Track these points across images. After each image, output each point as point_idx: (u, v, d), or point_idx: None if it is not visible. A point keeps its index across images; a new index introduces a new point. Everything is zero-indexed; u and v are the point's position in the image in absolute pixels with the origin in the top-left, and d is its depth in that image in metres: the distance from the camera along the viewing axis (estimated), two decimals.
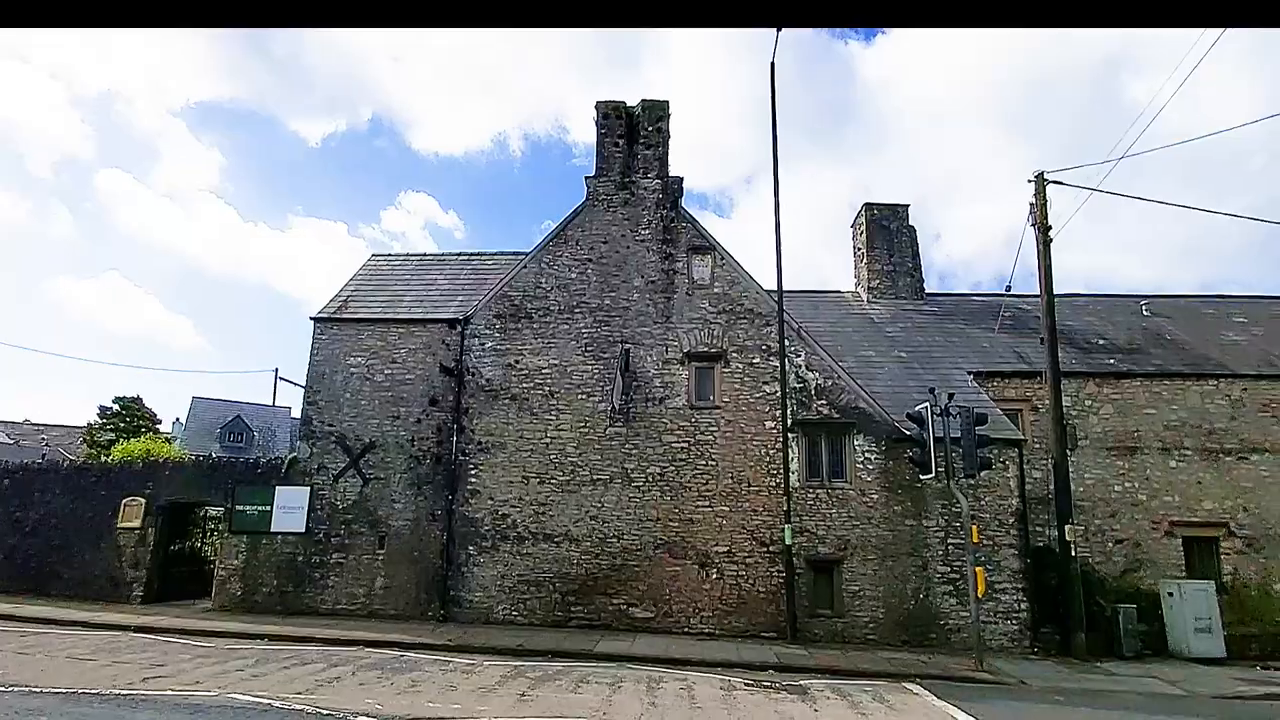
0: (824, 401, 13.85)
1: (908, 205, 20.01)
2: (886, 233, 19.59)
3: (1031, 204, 14.21)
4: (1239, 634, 12.91)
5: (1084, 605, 12.57)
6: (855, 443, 13.60)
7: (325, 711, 7.02)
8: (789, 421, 13.50)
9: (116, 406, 32.88)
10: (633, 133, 15.51)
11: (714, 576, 13.11)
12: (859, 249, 20.15)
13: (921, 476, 12.24)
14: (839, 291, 19.96)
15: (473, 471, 13.89)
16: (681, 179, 15.28)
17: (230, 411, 36.02)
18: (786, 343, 13.86)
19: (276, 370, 36.34)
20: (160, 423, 36.43)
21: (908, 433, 12.82)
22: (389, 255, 18.56)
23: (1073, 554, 12.76)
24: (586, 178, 15.43)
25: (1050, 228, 14.16)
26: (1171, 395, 16.13)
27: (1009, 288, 17.57)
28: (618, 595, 13.12)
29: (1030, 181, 14.29)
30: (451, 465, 13.92)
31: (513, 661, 10.22)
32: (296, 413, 22.70)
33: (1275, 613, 13.82)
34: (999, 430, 13.34)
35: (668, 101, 15.77)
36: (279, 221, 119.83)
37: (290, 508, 14.12)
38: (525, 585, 13.33)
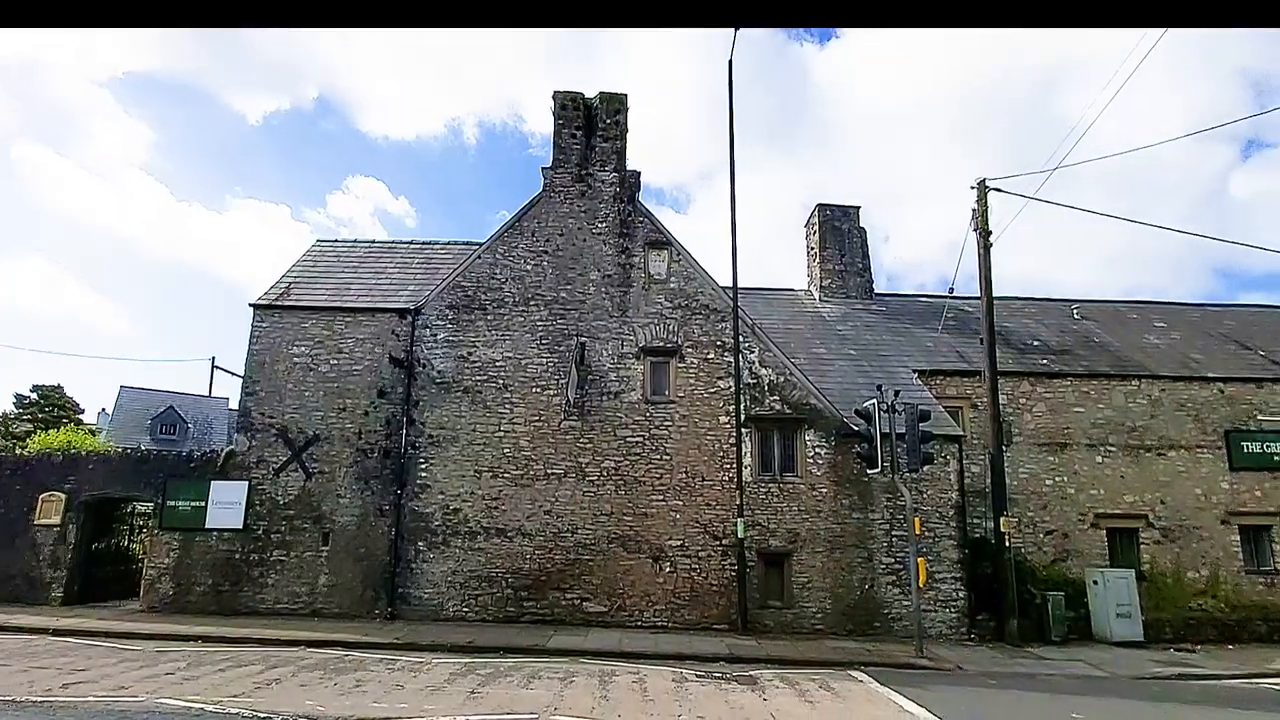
0: (777, 397, 14.09)
1: (859, 207, 20.54)
2: (838, 233, 20.05)
3: (974, 210, 14.76)
4: (1155, 619, 13.79)
5: (1016, 593, 13.20)
6: (806, 438, 13.89)
7: (263, 714, 6.77)
8: (743, 417, 13.68)
9: (34, 395, 30.87)
10: (590, 125, 15.40)
11: (667, 570, 13.20)
12: (812, 248, 20.57)
13: (869, 471, 12.61)
14: (792, 289, 20.34)
15: (423, 465, 13.58)
16: (639, 173, 15.26)
17: (162, 402, 34.14)
18: (741, 339, 14.03)
19: (213, 359, 34.65)
20: (84, 413, 34.35)
21: (856, 428, 13.14)
22: (335, 241, 17.93)
23: (1007, 545, 13.36)
24: (543, 169, 15.25)
25: (990, 233, 14.74)
26: (1098, 395, 17.04)
27: (952, 290, 18.20)
28: (571, 590, 13.06)
29: (973, 188, 14.84)
30: (401, 459, 13.58)
31: (463, 659, 10.05)
32: (234, 404, 21.72)
33: (1186, 599, 14.81)
34: (941, 427, 13.84)
35: (626, 95, 15.71)
36: (216, 202, 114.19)
37: (227, 503, 13.51)
38: (477, 581, 13.13)
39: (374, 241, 18.01)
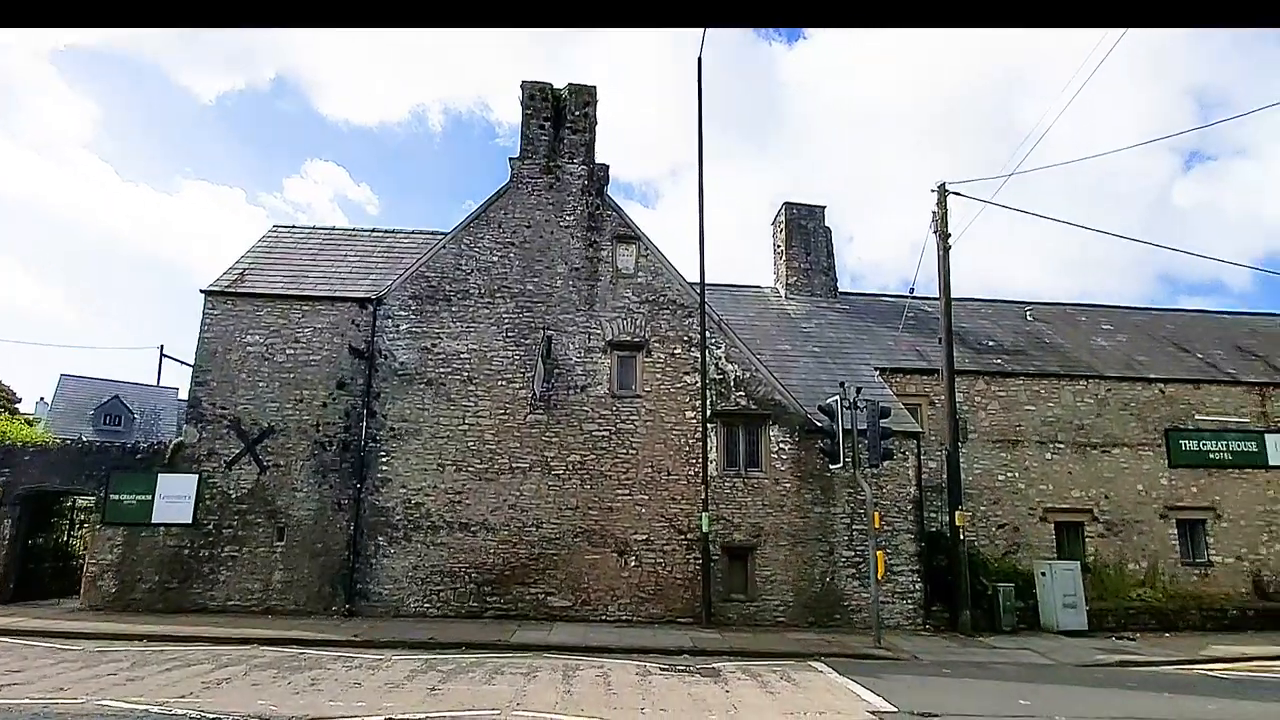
0: (742, 393, 14.21)
1: (824, 206, 20.83)
2: (804, 232, 20.31)
3: (934, 212, 15.11)
4: (1098, 608, 14.40)
5: (970, 585, 13.61)
6: (771, 433, 14.05)
7: (211, 715, 6.55)
8: (708, 412, 13.76)
9: None
10: (559, 116, 15.24)
11: (632, 564, 13.21)
12: (778, 246, 20.79)
13: (831, 466, 12.83)
14: (759, 286, 20.52)
15: (384, 458, 13.29)
16: (607, 166, 15.18)
17: (106, 391, 32.63)
18: (708, 335, 14.10)
19: (161, 348, 33.28)
20: (20, 401, 32.63)
21: (819, 424, 13.35)
22: (293, 227, 17.39)
23: (961, 538, 13.76)
24: (511, 159, 15.04)
25: (950, 235, 15.11)
26: (1048, 394, 17.67)
27: (913, 290, 18.72)
28: (536, 584, 12.97)
29: (933, 191, 15.20)
30: (361, 452, 13.26)
31: (424, 655, 9.89)
32: (184, 394, 20.92)
33: (1128, 589, 15.50)
34: (900, 423, 14.17)
35: (595, 87, 15.59)
36: (165, 183, 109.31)
37: (175, 497, 13.00)
38: (439, 576, 12.92)
39: (334, 228, 17.55)
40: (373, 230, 17.48)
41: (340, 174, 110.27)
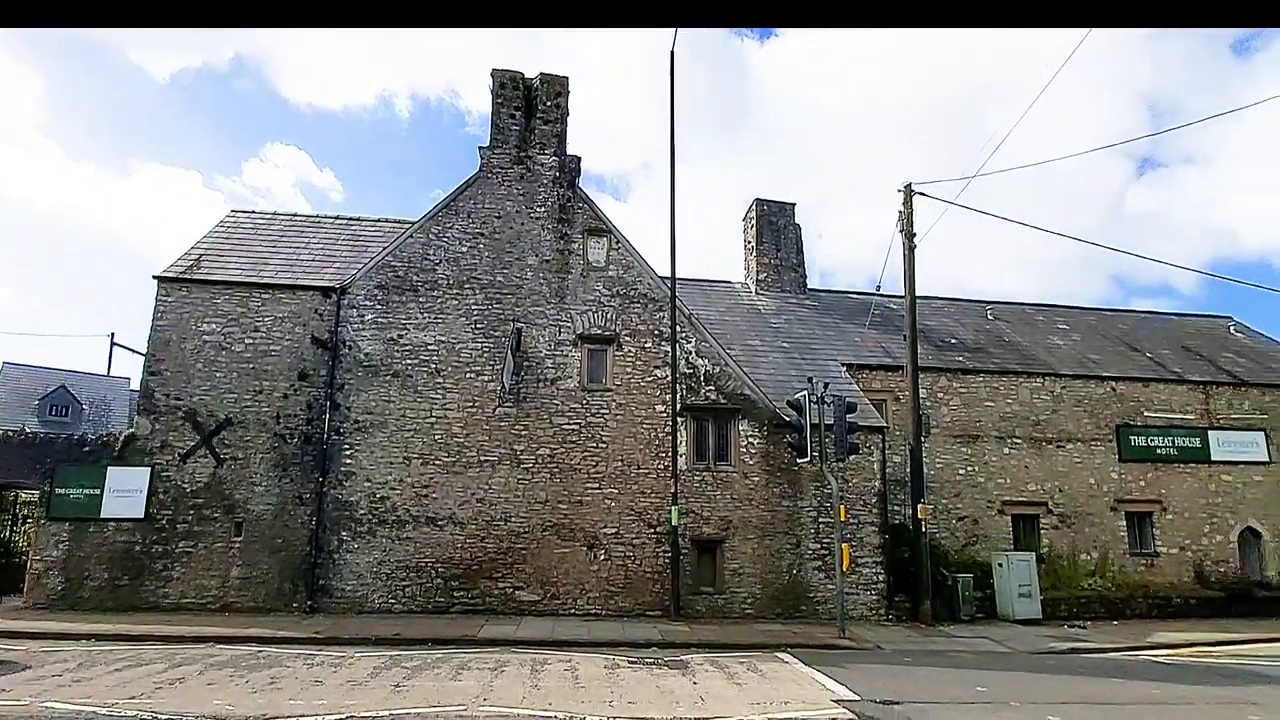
0: (712, 387, 14.28)
1: (794, 204, 21.04)
2: (774, 228, 20.46)
3: (900, 212, 15.38)
4: (1052, 598, 14.90)
5: (931, 576, 13.96)
6: (740, 428, 14.15)
7: (165, 716, 6.32)
8: (678, 406, 13.79)
9: None
10: (530, 106, 15.06)
11: (602, 558, 13.19)
12: (749, 242, 20.92)
13: (799, 460, 12.97)
14: (729, 282, 20.63)
15: (348, 451, 13.00)
16: (579, 158, 15.07)
17: (52, 380, 31.14)
18: (678, 329, 14.11)
19: (112, 335, 32.06)
20: None
21: (787, 419, 13.49)
22: (253, 212, 16.85)
23: (923, 530, 14.09)
24: (480, 148, 14.81)
25: (915, 234, 15.39)
26: (1007, 390, 18.17)
27: (879, 288, 19.04)
28: (504, 579, 12.85)
29: (900, 191, 15.46)
30: (323, 445, 12.94)
31: (388, 651, 9.72)
32: (137, 384, 20.16)
33: (1079, 579, 16.07)
34: (866, 418, 14.42)
35: (567, 78, 15.44)
36: (117, 165, 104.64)
37: (126, 491, 12.51)
38: (404, 571, 12.71)
39: (296, 214, 17.08)
40: (337, 217, 17.05)
41: (303, 158, 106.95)
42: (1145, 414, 18.60)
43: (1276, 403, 19.30)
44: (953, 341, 19.47)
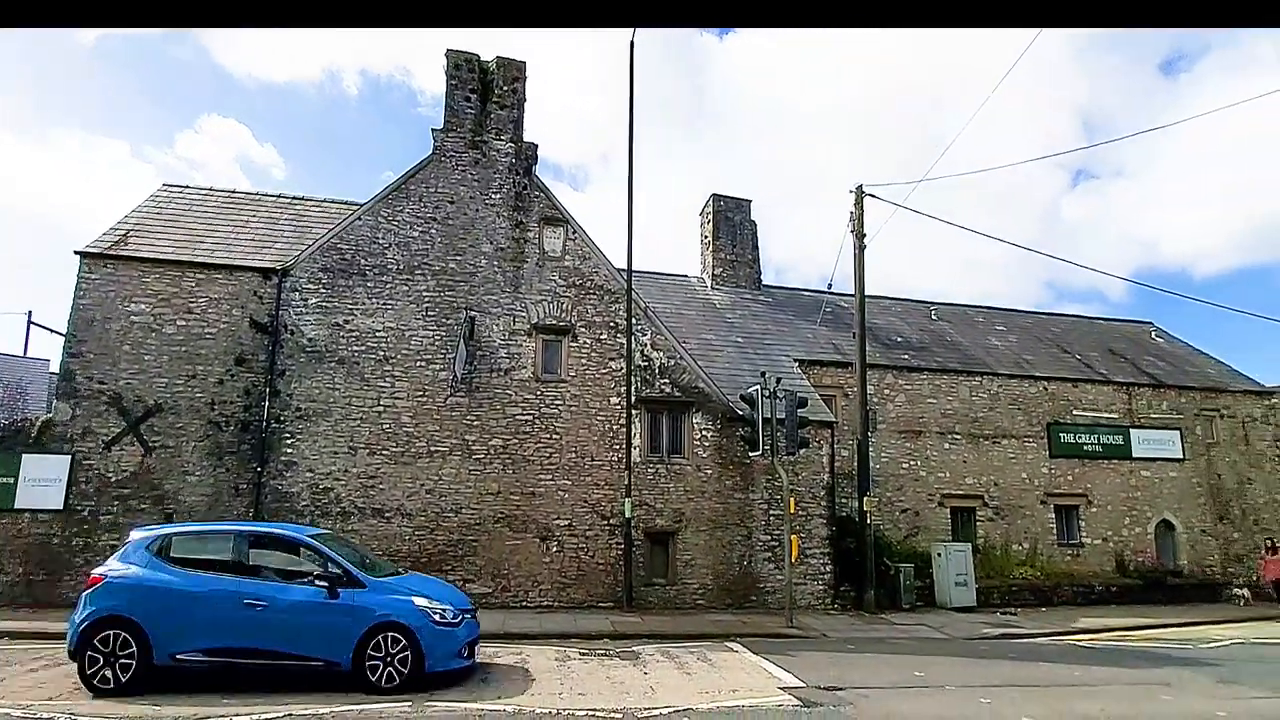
0: (667, 380, 14.31)
1: (750, 201, 21.26)
2: (731, 224, 20.64)
3: (851, 213, 15.72)
4: (986, 586, 15.58)
5: (875, 566, 14.39)
6: (694, 421, 14.24)
7: (84, 717, 5.94)
8: (633, 398, 13.77)
9: None
10: (486, 90, 14.72)
11: (554, 550, 13.08)
12: (705, 237, 21.03)
13: (751, 453, 13.15)
14: (685, 276, 20.70)
15: (289, 441, 12.48)
16: (536, 146, 14.82)
17: None
18: (634, 321, 14.08)
19: (30, 314, 29.84)
20: None
21: (741, 413, 13.64)
22: (187, 187, 15.92)
23: (868, 522, 14.51)
24: (434, 130, 14.39)
25: (865, 235, 15.76)
26: (949, 388, 18.88)
27: (830, 286, 19.47)
28: (454, 571, 12.57)
29: (851, 193, 15.79)
30: (263, 433, 12.39)
31: None
32: (57, 367, 18.83)
33: (1011, 568, 16.86)
34: (816, 413, 14.72)
35: (525, 63, 15.15)
36: (35, 133, 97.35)
37: (43, 480, 11.69)
38: None
39: (234, 191, 16.20)
40: (279, 196, 16.28)
41: (242, 132, 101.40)
42: (1074, 413, 19.62)
43: (1191, 404, 20.67)
44: (899, 340, 20.08)
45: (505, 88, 14.82)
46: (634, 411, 13.75)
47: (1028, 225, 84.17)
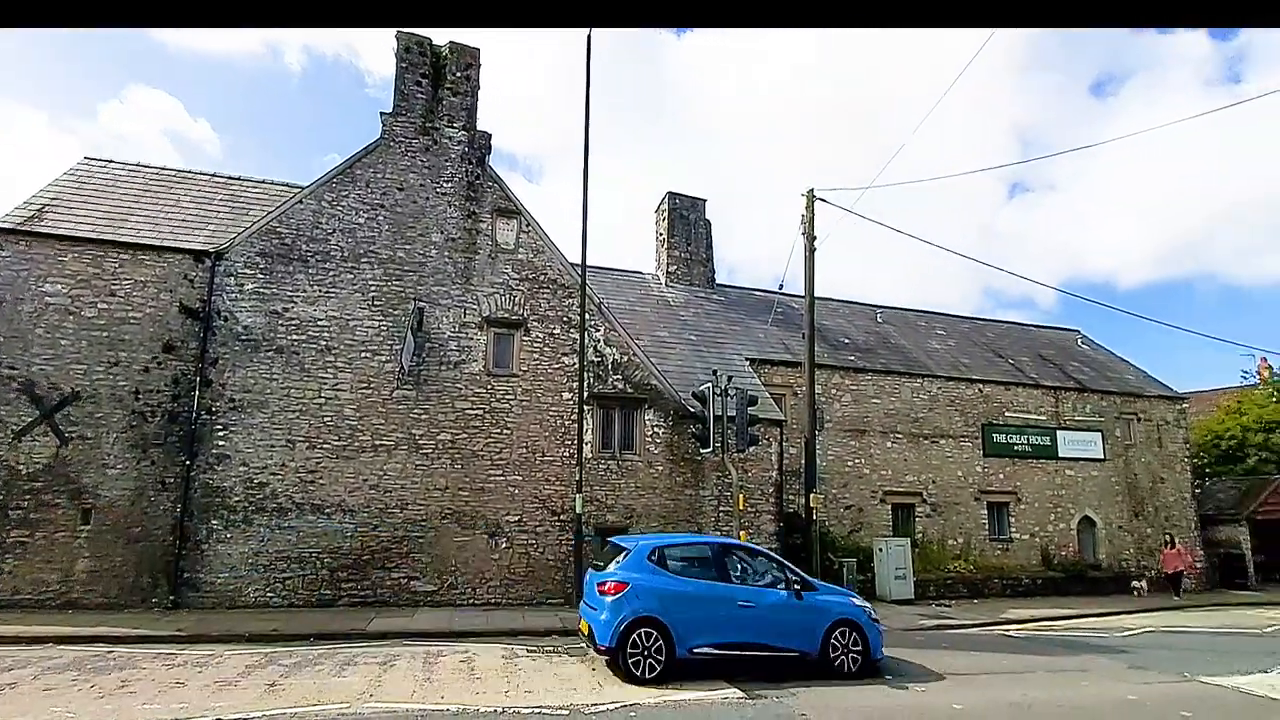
0: (620, 376, 14.27)
1: (705, 200, 21.39)
2: (686, 222, 20.72)
3: (803, 216, 15.99)
4: (923, 579, 16.17)
5: (820, 561, 14.69)
6: (646, 417, 14.24)
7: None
8: (586, 394, 13.67)
9: None
10: (439, 75, 14.32)
11: (504, 546, 12.85)
12: (660, 234, 21.06)
13: (702, 450, 13.25)
14: (640, 273, 20.68)
15: (221, 433, 11.85)
16: (490, 135, 14.51)
17: None
18: (588, 317, 13.96)
19: None
20: None
21: (693, 410, 13.74)
22: (111, 161, 14.93)
23: (814, 519, 14.80)
24: (382, 114, 13.92)
25: (815, 238, 16.07)
26: (892, 389, 19.47)
27: (782, 287, 19.78)
28: (398, 569, 12.22)
29: (803, 196, 16.08)
30: (192, 425, 11.72)
31: (264, 648, 8.97)
32: None
33: (947, 562, 17.56)
34: (766, 411, 14.95)
35: (479, 49, 14.81)
36: None
37: None
38: (285, 562, 11.77)
39: (164, 168, 15.26)
40: (214, 175, 15.44)
41: (174, 105, 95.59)
42: (1006, 414, 20.56)
43: (1112, 407, 21.94)
44: (846, 341, 20.59)
45: (459, 74, 14.45)
46: (586, 407, 13.65)
47: (969, 234, 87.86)
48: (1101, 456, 21.30)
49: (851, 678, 8.36)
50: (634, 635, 7.79)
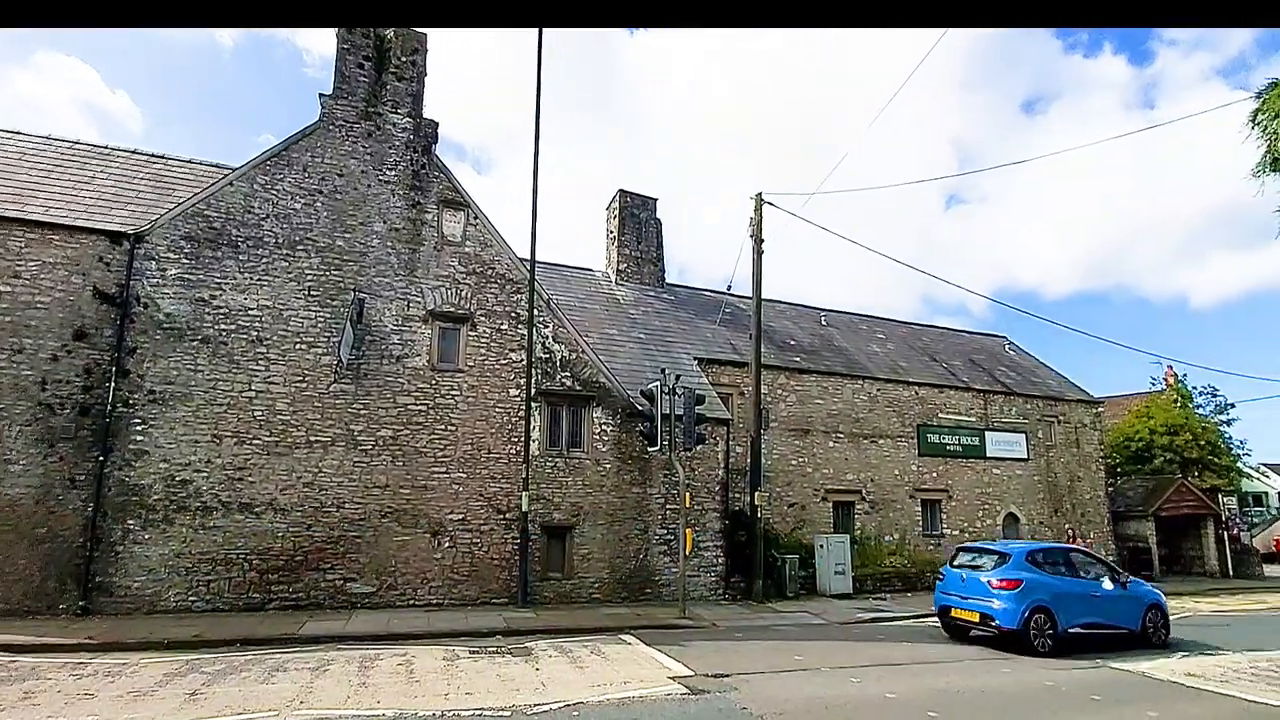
0: (568, 374, 14.11)
1: (657, 199, 21.42)
2: (637, 221, 20.70)
3: (751, 219, 16.24)
4: (861, 574, 16.65)
5: (764, 557, 14.94)
6: (594, 415, 14.13)
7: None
8: (533, 391, 13.46)
9: None
10: (383, 58, 13.83)
11: (446, 545, 12.49)
12: (611, 232, 20.97)
13: (649, 448, 13.24)
14: (590, 270, 20.53)
15: (139, 427, 11.07)
16: (437, 123, 14.10)
17: None
18: (537, 313, 13.77)
19: None
20: None
21: (641, 408, 13.70)
22: (17, 132, 13.76)
23: (759, 516, 15.04)
24: (322, 95, 13.33)
25: (763, 240, 16.34)
26: (834, 390, 20.00)
27: (730, 288, 19.99)
28: (333, 570, 11.70)
29: (752, 199, 16.32)
30: (106, 418, 10.91)
31: (185, 656, 8.44)
32: None
33: (883, 557, 18.14)
34: (713, 410, 15.08)
35: (426, 34, 14.39)
36: None
37: None
38: (210, 564, 11.09)
39: (78, 142, 14.16)
40: (134, 151, 14.43)
41: (89, 74, 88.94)
42: (939, 415, 21.42)
43: (1035, 410, 23.18)
44: (792, 343, 21.01)
45: (404, 59, 13.99)
46: (534, 404, 13.44)
47: (908, 242, 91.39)
48: (1025, 456, 22.47)
49: (1161, 649, 10.91)
50: (1034, 619, 10.16)
